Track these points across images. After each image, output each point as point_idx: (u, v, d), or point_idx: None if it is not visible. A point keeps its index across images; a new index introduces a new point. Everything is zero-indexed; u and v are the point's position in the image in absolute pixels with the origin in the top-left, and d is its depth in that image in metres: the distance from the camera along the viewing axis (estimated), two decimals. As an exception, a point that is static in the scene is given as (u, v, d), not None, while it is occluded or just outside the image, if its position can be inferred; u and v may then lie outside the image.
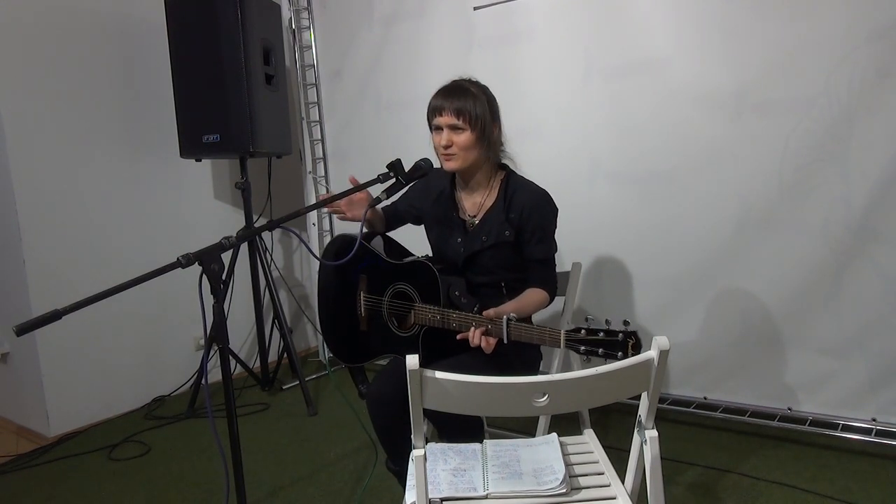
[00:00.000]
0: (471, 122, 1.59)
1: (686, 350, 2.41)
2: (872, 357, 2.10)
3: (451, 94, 1.60)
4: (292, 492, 2.13)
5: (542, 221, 1.67)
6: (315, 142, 3.40)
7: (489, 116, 1.62)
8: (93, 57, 2.77)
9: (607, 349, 1.31)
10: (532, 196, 1.67)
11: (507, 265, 1.71)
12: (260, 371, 3.13)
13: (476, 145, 1.62)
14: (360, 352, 1.84)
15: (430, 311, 1.62)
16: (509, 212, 1.67)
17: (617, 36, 2.38)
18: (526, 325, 1.45)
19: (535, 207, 1.66)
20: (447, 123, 1.60)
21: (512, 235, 1.66)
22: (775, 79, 2.12)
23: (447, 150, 1.63)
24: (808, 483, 1.99)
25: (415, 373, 1.06)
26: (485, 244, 1.68)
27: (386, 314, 1.76)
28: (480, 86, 1.66)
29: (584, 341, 1.33)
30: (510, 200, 1.67)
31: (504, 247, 1.68)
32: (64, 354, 2.69)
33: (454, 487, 1.28)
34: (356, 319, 1.84)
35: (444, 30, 2.80)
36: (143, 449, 2.53)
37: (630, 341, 1.29)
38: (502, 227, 1.66)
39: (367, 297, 1.81)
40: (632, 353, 1.28)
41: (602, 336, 1.31)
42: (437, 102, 1.62)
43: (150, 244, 3.00)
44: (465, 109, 1.58)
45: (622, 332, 1.30)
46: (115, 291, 1.21)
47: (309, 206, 1.69)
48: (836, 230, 2.09)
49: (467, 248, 1.71)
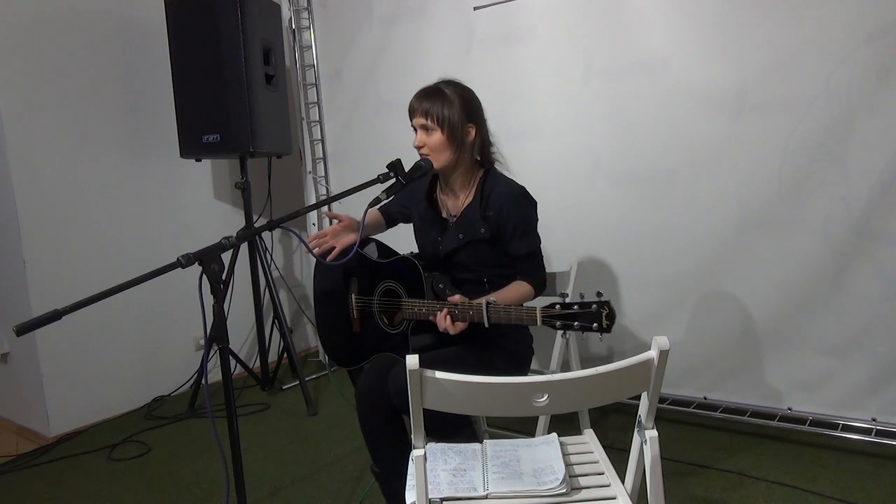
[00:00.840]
0: (440, 123, 1.63)
1: (686, 350, 2.41)
2: (872, 357, 2.10)
3: (424, 96, 1.67)
4: (292, 492, 2.13)
5: (520, 217, 1.69)
6: (315, 142, 3.40)
7: (460, 118, 1.64)
8: (93, 57, 2.78)
9: (582, 321, 1.33)
10: (508, 192, 1.69)
11: (487, 262, 1.73)
12: (260, 371, 3.13)
13: (447, 146, 1.65)
14: (357, 354, 1.85)
15: (416, 305, 1.64)
16: (486, 209, 1.69)
17: (617, 36, 2.38)
18: (504, 307, 1.47)
19: (512, 204, 1.68)
20: (419, 124, 1.68)
21: (487, 233, 1.68)
22: (775, 79, 2.12)
23: (420, 150, 1.69)
24: (808, 483, 1.99)
25: (415, 373, 1.06)
26: (461, 241, 1.71)
27: (377, 313, 1.78)
28: (459, 87, 1.69)
29: (559, 316, 1.35)
30: (487, 198, 1.70)
31: (480, 244, 1.70)
32: (64, 354, 2.69)
33: (454, 487, 1.28)
34: (349, 322, 1.86)
35: (444, 30, 2.80)
36: (143, 449, 2.53)
37: (604, 311, 1.31)
38: (478, 225, 1.69)
39: (358, 297, 1.83)
40: (606, 322, 1.31)
41: (576, 309, 1.33)
42: (411, 104, 1.69)
43: (150, 244, 3.00)
44: (432, 111, 1.63)
45: (595, 303, 1.31)
46: (115, 291, 1.21)
47: (309, 207, 1.69)
48: (836, 230, 2.09)
49: (445, 245, 1.74)
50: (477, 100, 1.71)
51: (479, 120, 1.70)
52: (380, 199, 1.63)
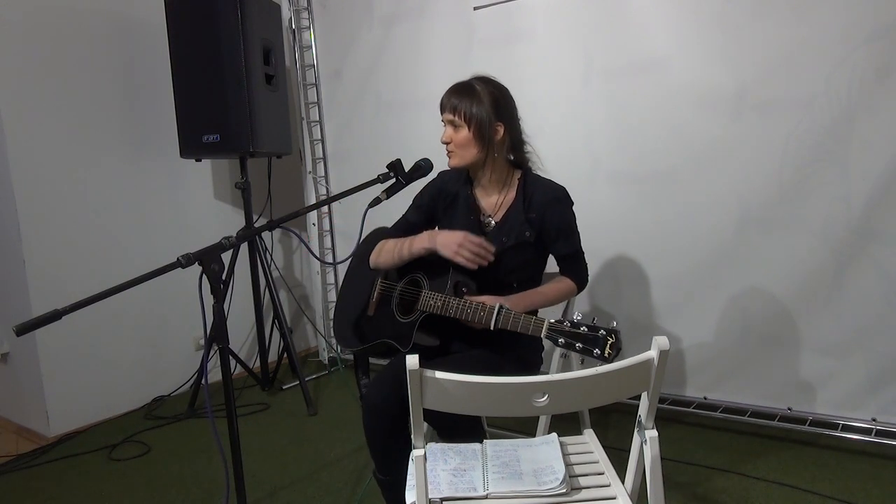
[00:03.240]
0: (467, 119, 1.62)
1: (686, 350, 2.41)
2: (872, 357, 2.10)
3: (454, 92, 1.65)
4: (292, 492, 2.13)
5: (563, 218, 1.68)
6: (315, 142, 3.40)
7: (489, 116, 1.62)
8: (93, 57, 2.78)
9: (585, 344, 1.31)
10: (551, 194, 1.68)
11: (526, 265, 1.71)
12: (260, 371, 3.13)
13: (473, 143, 1.63)
14: (360, 336, 1.84)
15: (433, 297, 1.63)
16: (528, 211, 1.67)
17: (617, 36, 2.38)
18: (515, 314, 1.47)
19: (556, 205, 1.67)
20: (447, 120, 1.66)
21: (532, 236, 1.66)
22: (775, 79, 2.12)
23: (447, 146, 1.68)
24: (808, 483, 1.99)
25: (415, 373, 1.06)
26: (506, 245, 1.67)
27: (396, 300, 1.78)
28: (491, 85, 1.66)
29: (564, 333, 1.34)
30: (529, 200, 1.68)
31: (525, 247, 1.68)
32: (64, 354, 2.69)
33: (454, 487, 1.28)
34: (366, 304, 1.86)
35: (444, 30, 2.80)
36: (143, 449, 2.53)
37: (609, 340, 1.29)
38: (523, 228, 1.66)
39: (384, 282, 1.84)
40: (609, 352, 1.28)
41: (583, 331, 1.32)
42: (442, 99, 1.67)
43: (150, 244, 3.00)
44: (461, 107, 1.62)
45: (604, 330, 1.30)
46: (115, 291, 1.21)
47: (309, 206, 1.69)
48: (836, 230, 2.09)
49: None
50: (509, 98, 1.68)
51: (509, 119, 1.67)
52: (380, 199, 1.63)
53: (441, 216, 1.81)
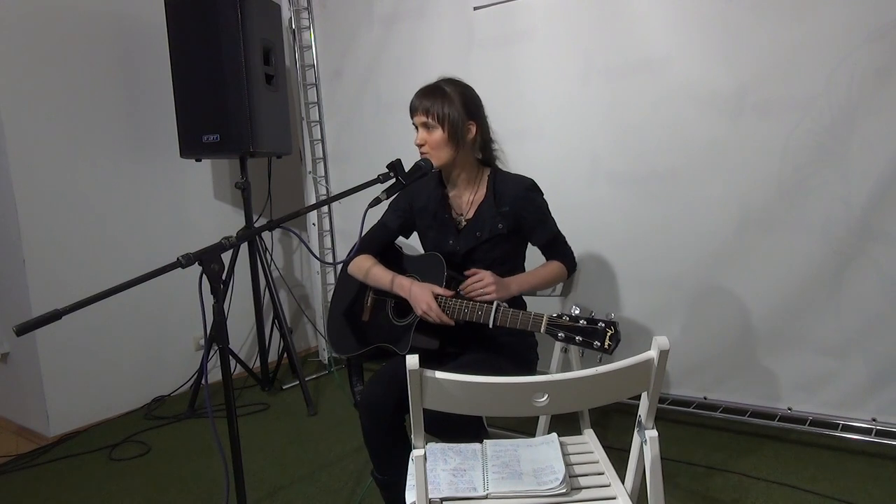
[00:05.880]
0: (440, 120, 1.64)
1: (686, 350, 2.41)
2: (872, 357, 2.10)
3: (424, 95, 1.67)
4: (292, 492, 2.13)
5: (535, 205, 1.73)
6: (315, 142, 3.40)
7: (460, 115, 1.65)
8: (93, 57, 2.77)
9: (585, 337, 1.33)
10: (520, 185, 1.72)
11: (505, 257, 1.74)
12: (260, 371, 3.13)
13: (447, 144, 1.66)
14: (356, 342, 1.84)
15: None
16: (500, 205, 1.70)
17: (617, 36, 2.38)
18: (513, 311, 1.49)
19: (526, 194, 1.71)
20: (419, 122, 1.68)
21: (505, 228, 1.70)
22: (775, 79, 2.11)
23: (421, 148, 1.70)
24: (808, 483, 2.00)
25: (415, 373, 1.06)
26: (479, 239, 1.71)
27: (391, 304, 1.79)
28: (460, 85, 1.69)
29: (564, 327, 1.35)
30: (500, 194, 1.71)
31: (498, 240, 1.71)
32: (64, 354, 2.69)
33: (454, 487, 1.28)
34: (361, 309, 1.87)
35: (444, 30, 2.80)
36: (143, 449, 2.53)
37: (608, 331, 1.31)
38: (495, 221, 1.70)
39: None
40: (609, 343, 1.31)
41: (582, 324, 1.33)
42: (412, 102, 1.70)
43: (150, 244, 3.00)
44: (433, 109, 1.64)
45: (602, 322, 1.31)
46: (115, 291, 1.21)
47: (309, 206, 1.68)
48: (836, 230, 2.09)
49: (463, 245, 1.74)
50: (477, 97, 1.72)
51: (479, 117, 1.72)
52: (380, 199, 1.63)
53: (416, 219, 1.85)
